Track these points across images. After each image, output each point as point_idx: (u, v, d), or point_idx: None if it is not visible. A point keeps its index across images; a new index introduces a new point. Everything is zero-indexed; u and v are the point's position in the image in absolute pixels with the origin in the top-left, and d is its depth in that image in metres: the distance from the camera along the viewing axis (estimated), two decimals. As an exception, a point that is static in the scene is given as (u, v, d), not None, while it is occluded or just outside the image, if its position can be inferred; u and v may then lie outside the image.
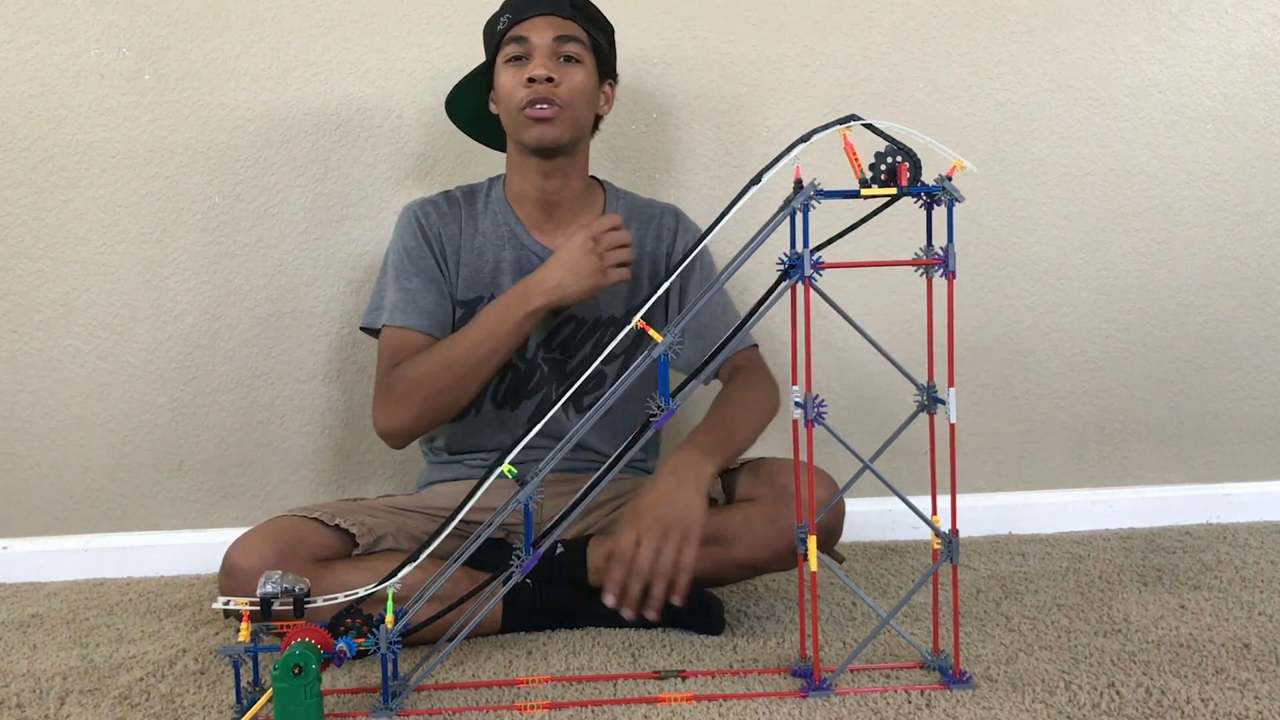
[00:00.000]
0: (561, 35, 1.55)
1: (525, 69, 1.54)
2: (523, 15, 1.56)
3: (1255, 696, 1.22)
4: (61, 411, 1.81)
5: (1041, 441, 2.04)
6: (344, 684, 1.31)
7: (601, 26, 1.62)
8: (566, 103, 1.54)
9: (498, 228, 1.63)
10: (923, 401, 1.28)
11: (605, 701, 1.24)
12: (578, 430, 1.22)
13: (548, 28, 1.55)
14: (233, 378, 1.84)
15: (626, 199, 1.69)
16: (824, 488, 1.43)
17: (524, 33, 1.55)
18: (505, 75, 1.56)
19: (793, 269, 1.20)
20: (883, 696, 1.23)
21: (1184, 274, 2.05)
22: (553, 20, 1.55)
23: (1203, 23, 2.01)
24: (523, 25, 1.55)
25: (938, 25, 1.95)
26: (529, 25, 1.55)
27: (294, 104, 1.81)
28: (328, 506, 1.51)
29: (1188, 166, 2.03)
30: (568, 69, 1.55)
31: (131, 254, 1.79)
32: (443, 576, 1.25)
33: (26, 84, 1.76)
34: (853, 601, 1.59)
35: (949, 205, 1.21)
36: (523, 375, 1.62)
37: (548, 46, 1.54)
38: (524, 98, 1.53)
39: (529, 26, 1.55)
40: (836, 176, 1.31)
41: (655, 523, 1.34)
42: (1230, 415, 2.09)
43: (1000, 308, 2.01)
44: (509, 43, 1.56)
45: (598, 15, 1.62)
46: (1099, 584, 1.66)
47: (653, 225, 1.67)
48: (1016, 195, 1.99)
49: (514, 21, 1.56)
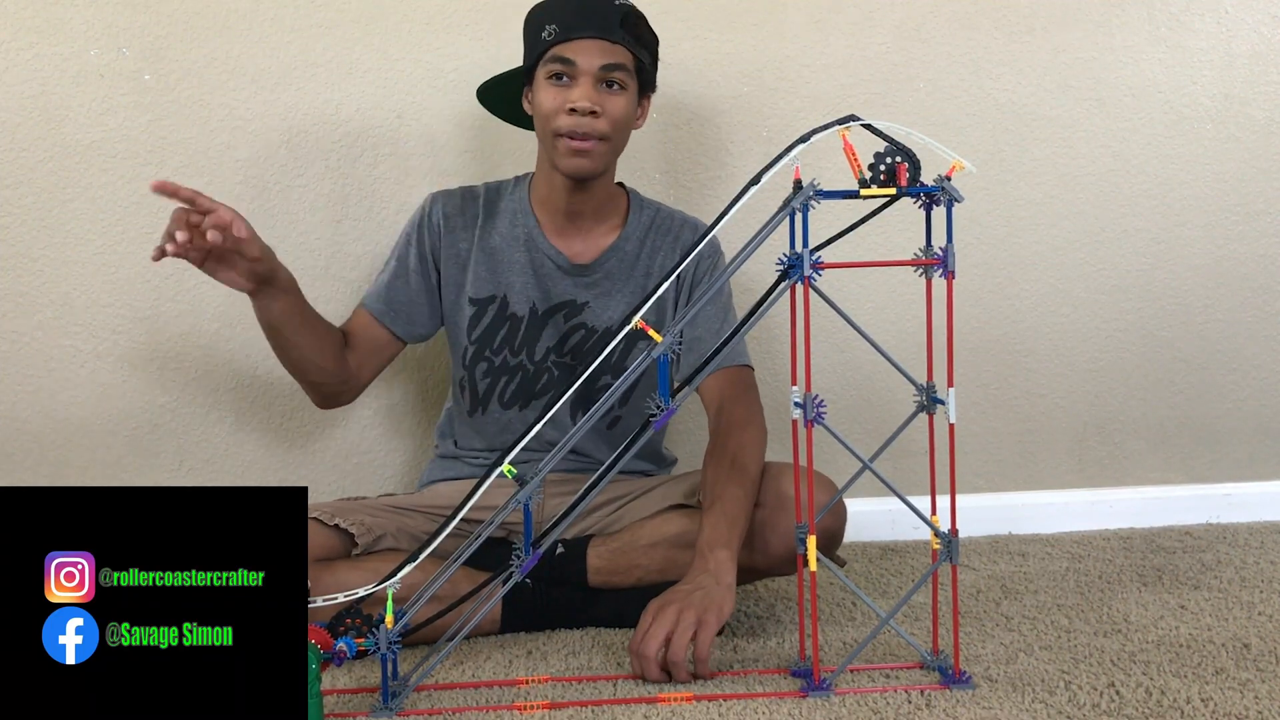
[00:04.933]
0: (609, 64, 1.50)
1: (567, 92, 1.50)
2: (570, 34, 1.49)
3: (1255, 696, 1.22)
4: (61, 412, 1.81)
5: (1041, 441, 2.04)
6: (344, 684, 1.31)
7: (649, 45, 1.57)
8: (608, 134, 1.52)
9: (514, 228, 1.62)
10: (922, 402, 1.28)
11: (605, 701, 1.24)
12: (578, 430, 1.22)
13: (596, 54, 1.50)
14: (233, 377, 1.84)
15: (651, 209, 1.66)
16: (824, 492, 1.42)
17: (570, 54, 1.49)
18: (546, 92, 1.52)
19: (792, 269, 1.20)
20: (882, 696, 1.23)
21: (1184, 274, 2.05)
22: (602, 45, 1.50)
23: (1203, 23, 2.01)
24: (570, 46, 1.49)
25: (938, 25, 1.95)
26: (576, 47, 1.49)
27: (294, 104, 1.81)
28: (327, 506, 1.51)
29: (1188, 166, 2.03)
30: (610, 97, 1.51)
31: (131, 254, 1.79)
32: (443, 576, 1.25)
33: (26, 84, 1.76)
34: (853, 601, 1.59)
35: (948, 205, 1.21)
36: (531, 377, 1.62)
37: (594, 74, 1.50)
38: (564, 126, 1.50)
39: (576, 49, 1.49)
40: (836, 176, 1.31)
41: (671, 610, 1.30)
42: (1230, 415, 2.09)
43: (1000, 308, 2.01)
44: (553, 60, 1.51)
45: (646, 33, 1.56)
46: (1099, 584, 1.66)
47: (669, 238, 1.65)
48: (1016, 195, 1.99)
49: (561, 38, 1.50)
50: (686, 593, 1.32)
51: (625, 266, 1.63)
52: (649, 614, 1.31)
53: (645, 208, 1.66)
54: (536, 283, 1.61)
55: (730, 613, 1.32)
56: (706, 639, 1.29)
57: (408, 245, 1.63)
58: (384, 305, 1.62)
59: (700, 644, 1.28)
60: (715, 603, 1.31)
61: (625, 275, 1.62)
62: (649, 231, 1.64)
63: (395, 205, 1.83)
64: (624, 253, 1.63)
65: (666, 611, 1.29)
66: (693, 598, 1.31)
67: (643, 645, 1.28)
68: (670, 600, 1.31)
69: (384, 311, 1.62)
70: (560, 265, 1.61)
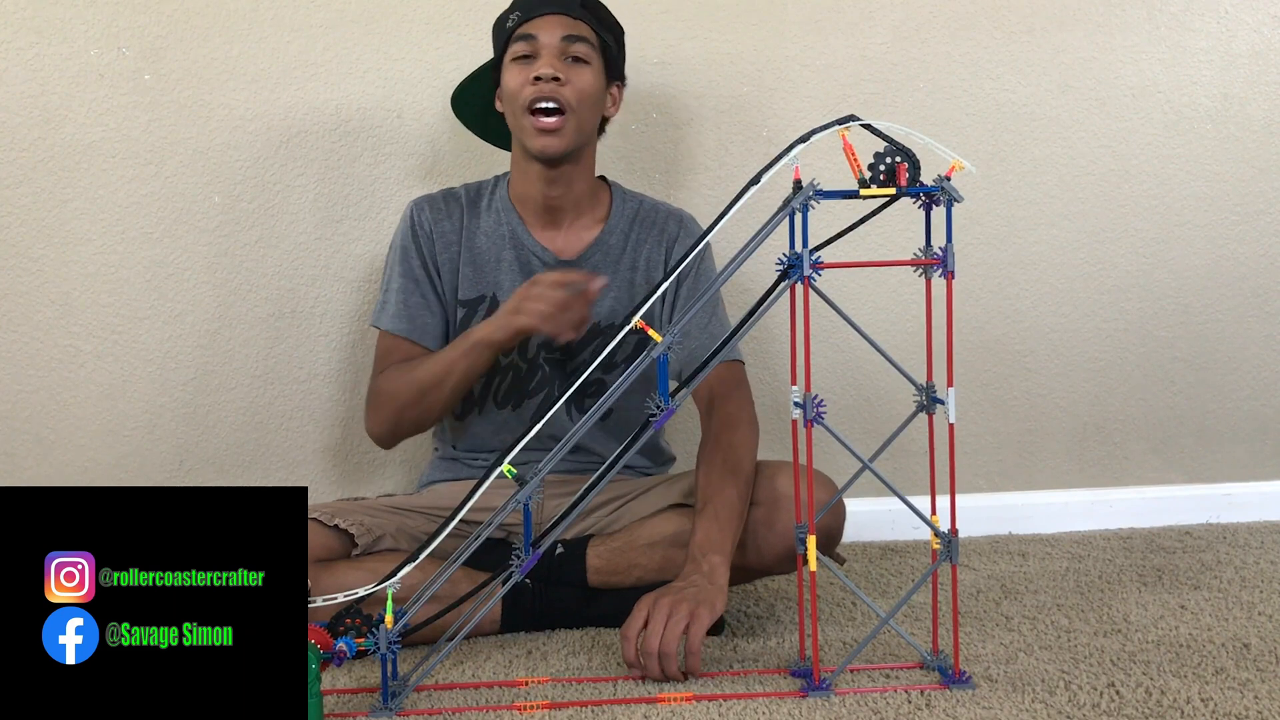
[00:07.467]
0: (570, 35, 1.54)
1: (532, 67, 1.52)
2: (531, 14, 1.55)
3: (1255, 696, 1.22)
4: (62, 412, 1.81)
5: (1041, 441, 2.04)
6: (344, 684, 1.31)
7: (611, 28, 1.61)
8: (573, 105, 1.53)
9: (499, 227, 1.63)
10: (922, 401, 1.28)
11: (605, 701, 1.24)
12: (577, 430, 1.22)
13: (557, 26, 1.54)
14: (233, 378, 1.84)
15: (634, 201, 1.67)
16: (823, 490, 1.42)
17: (532, 30, 1.54)
18: (511, 73, 1.55)
19: (792, 269, 1.20)
20: (882, 696, 1.23)
21: (1184, 274, 2.05)
22: (562, 20, 1.54)
23: (1203, 23, 2.00)
24: (531, 23, 1.54)
25: (938, 26, 1.95)
26: (537, 23, 1.54)
27: (294, 104, 1.81)
28: (327, 506, 1.51)
29: (1188, 166, 2.02)
30: (575, 69, 1.54)
31: (131, 254, 1.79)
32: (442, 577, 1.25)
33: (26, 84, 1.76)
34: (853, 601, 1.59)
35: (948, 205, 1.21)
36: (524, 375, 1.62)
37: (556, 46, 1.53)
38: (529, 96, 1.52)
39: (537, 25, 1.54)
40: (836, 176, 1.31)
41: (664, 603, 1.31)
42: (1230, 415, 2.08)
43: (1000, 308, 2.01)
44: (516, 40, 1.55)
45: (608, 17, 1.61)
46: (1099, 584, 1.66)
47: (654, 230, 1.65)
48: (1016, 195, 1.99)
49: (522, 19, 1.55)
50: (679, 589, 1.33)
51: (611, 260, 1.63)
52: (642, 608, 1.31)
53: (628, 200, 1.67)
54: (525, 279, 1.60)
55: (722, 610, 1.33)
56: (698, 633, 1.29)
57: (408, 258, 1.61)
58: (409, 324, 1.60)
59: (692, 638, 1.29)
60: (708, 599, 1.32)
61: (611, 268, 1.62)
62: (633, 224, 1.64)
63: (395, 205, 1.83)
64: (609, 246, 1.63)
65: (660, 605, 1.30)
66: (685, 593, 1.32)
67: (645, 641, 1.29)
68: (663, 594, 1.32)
69: (411, 330, 1.60)
70: (546, 261, 1.61)
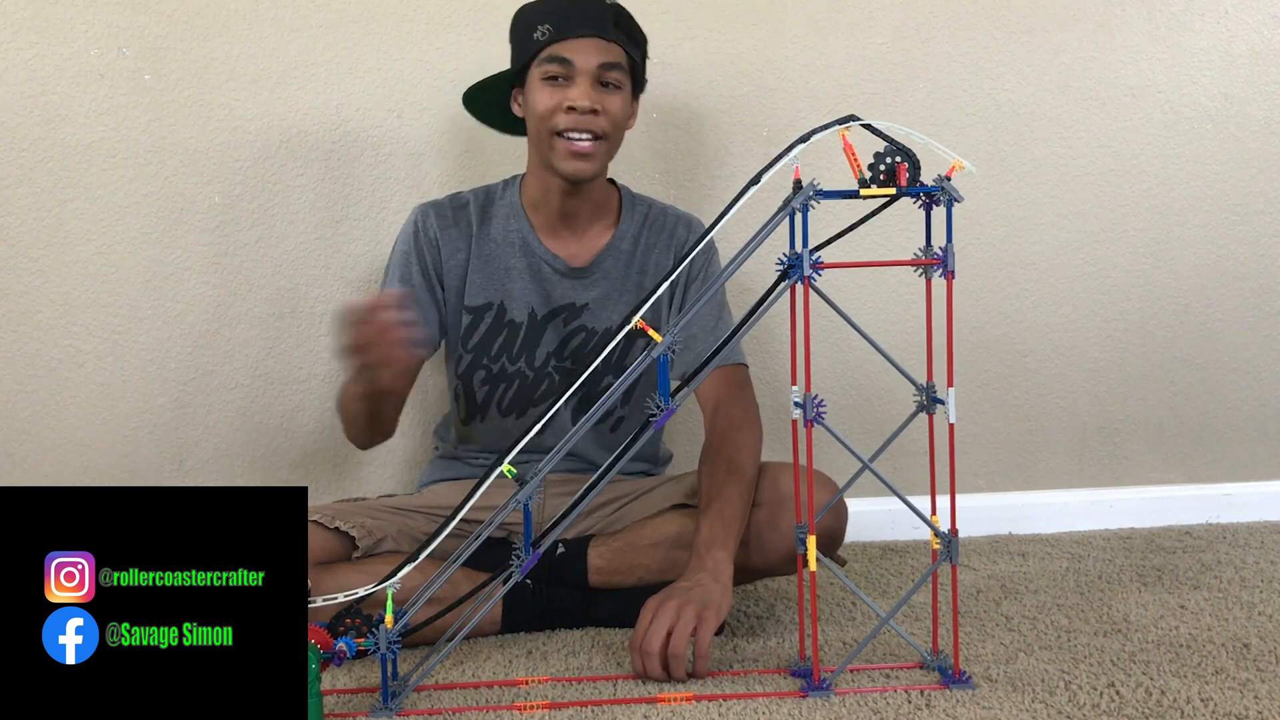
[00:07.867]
0: (606, 63, 1.50)
1: (565, 92, 1.49)
2: (566, 34, 1.49)
3: (1255, 696, 1.22)
4: (62, 412, 1.81)
5: (1041, 441, 2.04)
6: (344, 684, 1.31)
7: (640, 43, 1.57)
8: (607, 132, 1.51)
9: (509, 234, 1.61)
10: (922, 401, 1.28)
11: (605, 701, 1.24)
12: (578, 429, 1.22)
13: (593, 52, 1.49)
14: (233, 378, 1.84)
15: (644, 205, 1.66)
16: (824, 491, 1.42)
17: (568, 54, 1.49)
18: (543, 94, 1.50)
19: (792, 269, 1.20)
20: (882, 696, 1.23)
21: (1184, 274, 2.05)
22: (597, 44, 1.49)
23: (1203, 23, 2.01)
24: (566, 45, 1.49)
25: (938, 26, 1.95)
26: (573, 47, 1.49)
27: (294, 104, 1.81)
28: (328, 508, 1.51)
29: (1188, 166, 2.02)
30: (608, 96, 1.51)
31: (132, 254, 1.79)
32: (442, 577, 1.25)
33: (26, 84, 1.76)
34: (853, 601, 1.59)
35: (948, 205, 1.21)
36: (530, 384, 1.62)
37: (592, 73, 1.49)
38: (564, 125, 1.49)
39: (573, 48, 1.49)
40: (836, 176, 1.31)
41: (671, 605, 1.31)
42: (1230, 415, 2.09)
43: (1000, 308, 2.01)
44: (549, 60, 1.50)
45: (637, 31, 1.56)
46: (1099, 584, 1.66)
47: (664, 234, 1.64)
48: (1016, 195, 1.99)
49: (556, 38, 1.49)
50: (685, 590, 1.32)
51: (622, 266, 1.62)
52: (649, 610, 1.31)
53: (638, 204, 1.66)
54: (535, 287, 1.61)
55: (728, 610, 1.33)
56: (706, 635, 1.29)
57: (408, 263, 1.60)
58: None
59: (700, 640, 1.29)
60: (714, 600, 1.31)
61: (622, 275, 1.62)
62: (643, 229, 1.64)
63: (395, 205, 1.83)
64: (620, 252, 1.62)
65: (667, 607, 1.30)
66: (692, 594, 1.31)
67: (646, 641, 1.28)
68: (670, 596, 1.32)
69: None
70: (557, 269, 1.61)
